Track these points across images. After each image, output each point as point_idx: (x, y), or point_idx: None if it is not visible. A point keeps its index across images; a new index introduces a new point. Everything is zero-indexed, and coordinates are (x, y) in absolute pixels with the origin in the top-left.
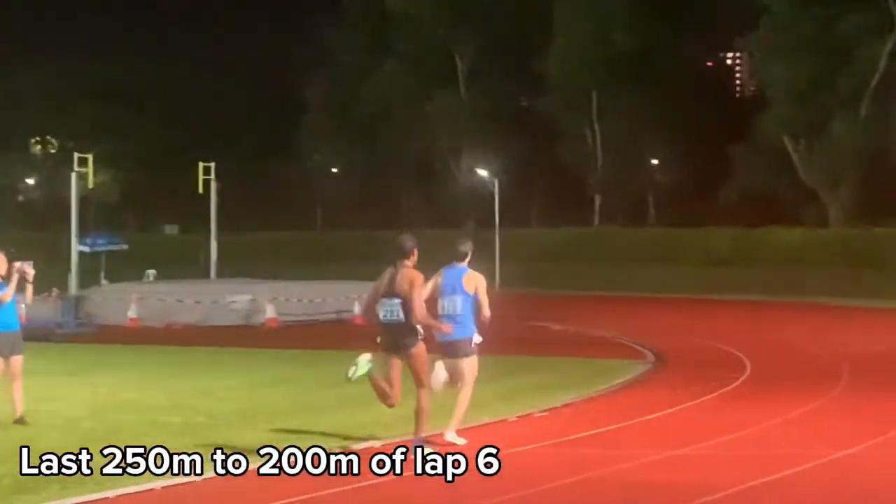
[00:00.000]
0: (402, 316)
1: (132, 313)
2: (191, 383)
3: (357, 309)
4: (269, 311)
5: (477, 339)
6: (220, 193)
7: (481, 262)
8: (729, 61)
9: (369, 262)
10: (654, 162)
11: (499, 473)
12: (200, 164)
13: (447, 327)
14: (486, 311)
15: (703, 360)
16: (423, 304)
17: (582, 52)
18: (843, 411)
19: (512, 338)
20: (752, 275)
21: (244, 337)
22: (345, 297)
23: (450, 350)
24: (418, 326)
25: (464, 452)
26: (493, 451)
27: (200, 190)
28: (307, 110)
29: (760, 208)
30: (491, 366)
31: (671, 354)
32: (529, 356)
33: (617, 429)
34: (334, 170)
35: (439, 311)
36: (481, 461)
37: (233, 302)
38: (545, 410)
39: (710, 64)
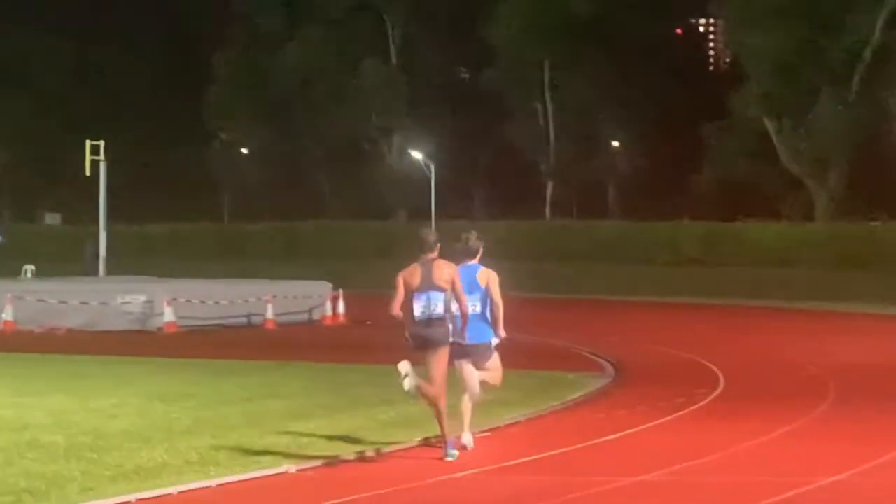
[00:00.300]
0: (441, 310)
1: (7, 315)
2: (75, 398)
3: (270, 312)
4: (168, 315)
5: (495, 340)
6: (110, 177)
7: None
8: (701, 28)
9: (285, 259)
10: (615, 145)
11: (435, 502)
12: (88, 143)
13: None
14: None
15: (669, 372)
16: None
17: (531, 18)
18: (828, 432)
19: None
20: (728, 275)
21: (138, 344)
22: (256, 299)
23: (470, 352)
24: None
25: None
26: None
27: (87, 173)
28: (213, 83)
29: (737, 199)
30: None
31: (633, 366)
32: None
33: (569, 452)
34: (244, 151)
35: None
36: (410, 488)
37: (125, 303)
38: (487, 430)
39: (679, 31)
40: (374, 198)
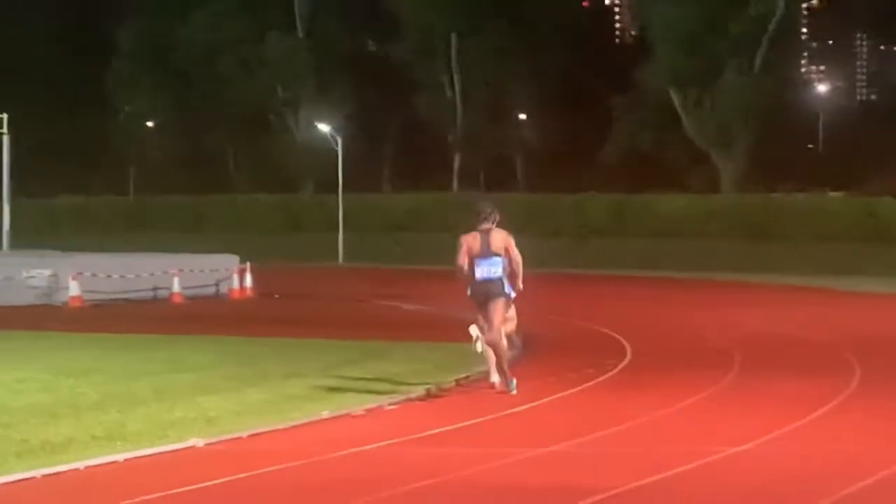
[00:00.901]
0: (500, 272)
1: None
2: None
3: (176, 286)
4: (73, 289)
5: (513, 294)
6: (12, 151)
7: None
8: (608, 1)
9: (192, 232)
10: (522, 117)
11: (342, 475)
12: None
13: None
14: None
15: (577, 344)
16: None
17: None
18: (734, 402)
19: (358, 319)
20: (634, 247)
21: (43, 319)
22: (163, 273)
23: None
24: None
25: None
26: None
27: None
28: (116, 55)
29: (644, 172)
30: (334, 351)
31: (541, 338)
32: (378, 340)
33: (478, 423)
34: (150, 124)
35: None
36: (319, 461)
37: (30, 278)
38: (396, 403)
39: (585, 4)
40: (280, 171)
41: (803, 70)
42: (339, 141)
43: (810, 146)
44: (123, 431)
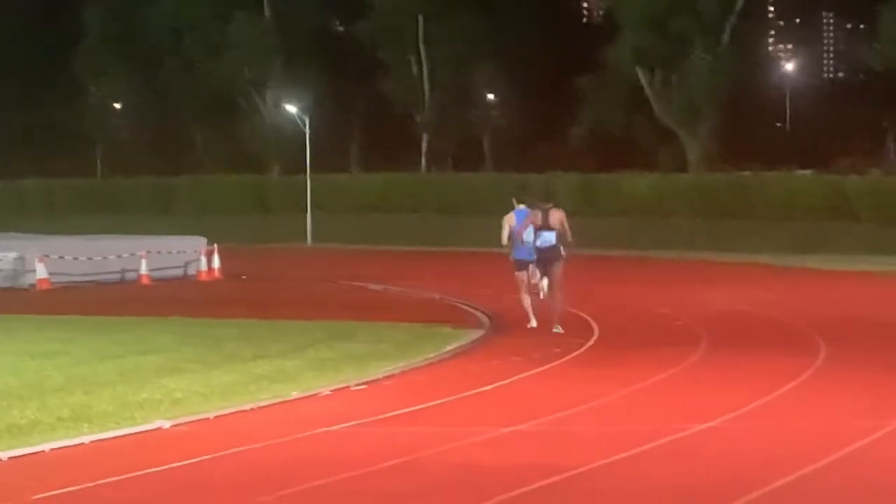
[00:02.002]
0: (554, 241)
1: None
2: None
3: (144, 268)
4: (40, 271)
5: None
6: None
7: (293, 212)
8: None
9: (160, 214)
10: (490, 97)
11: (309, 456)
12: None
13: None
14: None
15: (544, 322)
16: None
17: None
18: (700, 380)
19: (325, 300)
20: (601, 226)
21: (9, 301)
22: (130, 255)
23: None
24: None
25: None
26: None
27: None
28: (84, 37)
29: (611, 151)
30: (300, 332)
31: (508, 318)
32: (345, 321)
33: (445, 403)
34: (117, 106)
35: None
36: (286, 442)
37: None
38: (363, 383)
39: None
40: (248, 152)
41: (770, 49)
42: (307, 121)
43: (778, 124)
44: (89, 413)
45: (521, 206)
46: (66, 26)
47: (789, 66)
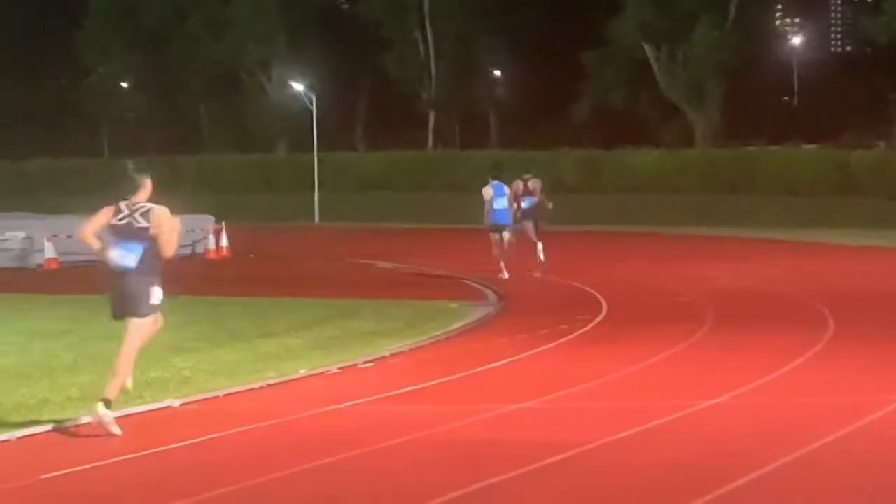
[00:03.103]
0: (536, 202)
1: None
2: None
3: None
4: (49, 251)
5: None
6: None
7: (299, 191)
8: None
9: (168, 191)
10: (497, 74)
11: (317, 433)
12: None
13: None
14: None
15: (551, 300)
16: None
17: None
18: (707, 357)
19: (333, 278)
20: (608, 202)
21: (18, 281)
22: None
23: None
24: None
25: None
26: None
27: None
28: (87, 16)
29: (617, 127)
30: (307, 310)
31: (516, 294)
32: (352, 299)
33: (452, 381)
34: (124, 85)
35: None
36: (294, 420)
37: (4, 240)
38: (370, 361)
39: None
40: (253, 130)
41: (777, 23)
42: (313, 99)
43: (784, 99)
44: (98, 392)
45: (496, 181)
46: (70, 5)
47: (796, 41)
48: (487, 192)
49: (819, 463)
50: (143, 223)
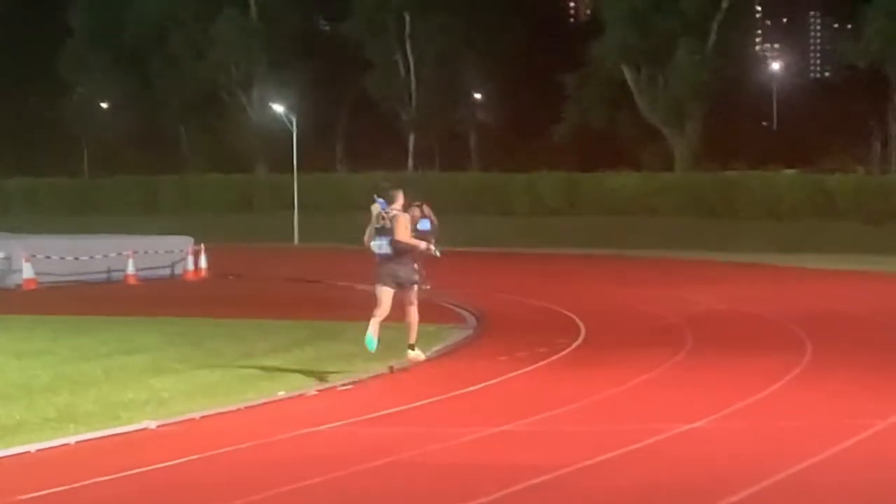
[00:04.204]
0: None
1: None
2: None
3: (131, 267)
4: (27, 271)
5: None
6: None
7: (279, 211)
8: None
9: (146, 213)
10: (477, 96)
11: (296, 456)
12: None
13: None
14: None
15: (530, 323)
16: None
17: None
18: (686, 380)
19: (312, 299)
20: (587, 225)
21: None
22: (117, 254)
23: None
24: None
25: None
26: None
27: None
28: (69, 34)
29: (597, 150)
30: (287, 331)
31: (495, 317)
32: (331, 321)
33: (431, 403)
34: (104, 105)
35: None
36: (272, 442)
37: None
38: (350, 383)
39: None
40: (233, 150)
41: (757, 48)
42: (293, 120)
43: (764, 123)
44: (75, 413)
45: (381, 199)
46: (51, 24)
47: (776, 66)
48: (375, 208)
49: (799, 486)
50: (391, 225)
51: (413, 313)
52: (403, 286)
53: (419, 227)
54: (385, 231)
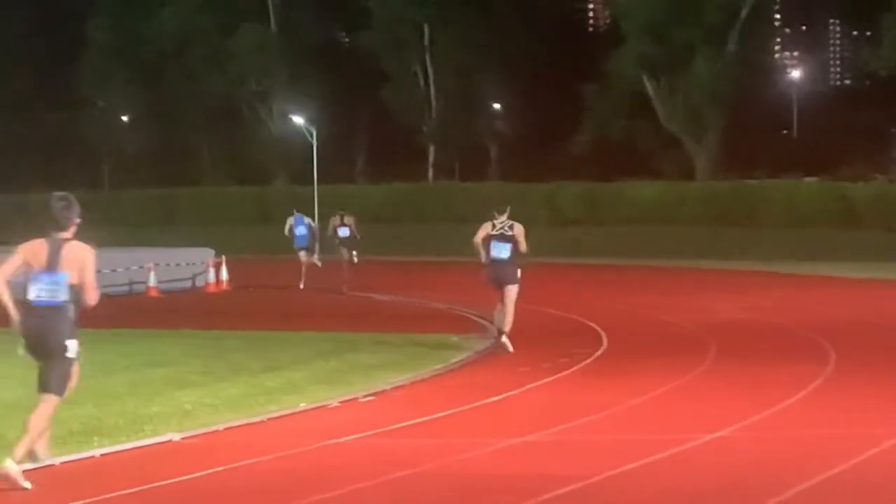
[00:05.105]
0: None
1: None
2: None
3: (152, 280)
4: None
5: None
6: None
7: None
8: None
9: (166, 226)
10: (496, 107)
11: (318, 467)
12: None
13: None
14: None
15: (553, 333)
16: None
17: None
18: (710, 389)
19: (332, 311)
20: (608, 235)
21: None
22: (138, 267)
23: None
24: None
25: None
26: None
27: None
28: (88, 49)
29: (616, 159)
30: (308, 343)
31: (516, 327)
32: (352, 332)
33: (454, 414)
34: (124, 118)
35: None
36: (295, 454)
37: None
38: (371, 394)
39: None
40: (253, 162)
41: (776, 56)
42: (313, 132)
43: (784, 132)
44: (100, 426)
45: (298, 214)
46: (70, 37)
47: (795, 74)
48: (290, 221)
49: (823, 495)
50: (511, 232)
51: (512, 306)
52: (507, 283)
53: (339, 233)
54: (505, 238)
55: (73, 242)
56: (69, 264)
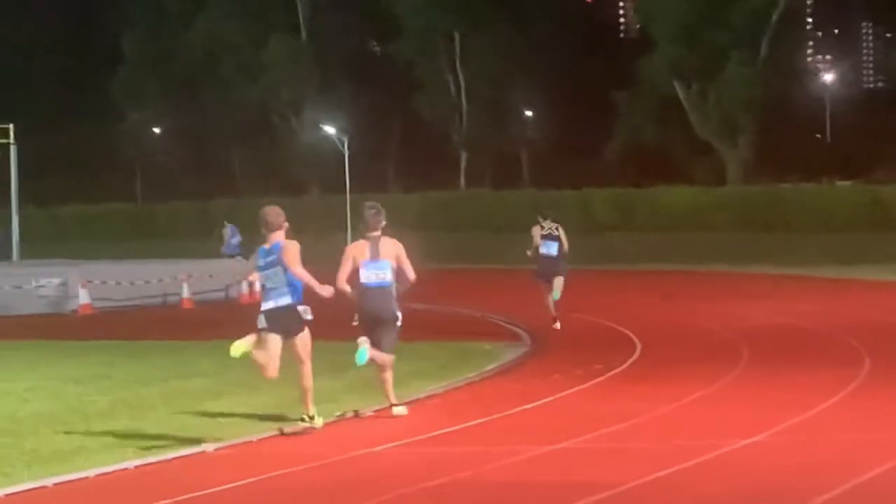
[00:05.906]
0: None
1: None
2: None
3: (186, 291)
4: (83, 297)
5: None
6: (19, 159)
7: (331, 231)
8: None
9: (199, 237)
10: (528, 114)
11: (352, 477)
12: None
13: None
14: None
15: (586, 340)
16: None
17: None
18: (743, 395)
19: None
20: (640, 241)
21: (53, 327)
22: (172, 279)
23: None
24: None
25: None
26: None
27: None
28: (121, 62)
29: (649, 165)
30: (341, 352)
31: (550, 335)
32: None
33: (488, 422)
34: (157, 130)
35: None
36: (329, 463)
37: (39, 287)
38: (405, 403)
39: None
40: (285, 173)
41: (809, 59)
42: (345, 142)
43: (817, 136)
44: (134, 437)
45: (232, 225)
46: (104, 52)
47: (828, 77)
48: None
49: (860, 499)
50: (557, 233)
51: (560, 289)
52: (556, 275)
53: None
54: (553, 237)
55: (385, 238)
56: (387, 254)
